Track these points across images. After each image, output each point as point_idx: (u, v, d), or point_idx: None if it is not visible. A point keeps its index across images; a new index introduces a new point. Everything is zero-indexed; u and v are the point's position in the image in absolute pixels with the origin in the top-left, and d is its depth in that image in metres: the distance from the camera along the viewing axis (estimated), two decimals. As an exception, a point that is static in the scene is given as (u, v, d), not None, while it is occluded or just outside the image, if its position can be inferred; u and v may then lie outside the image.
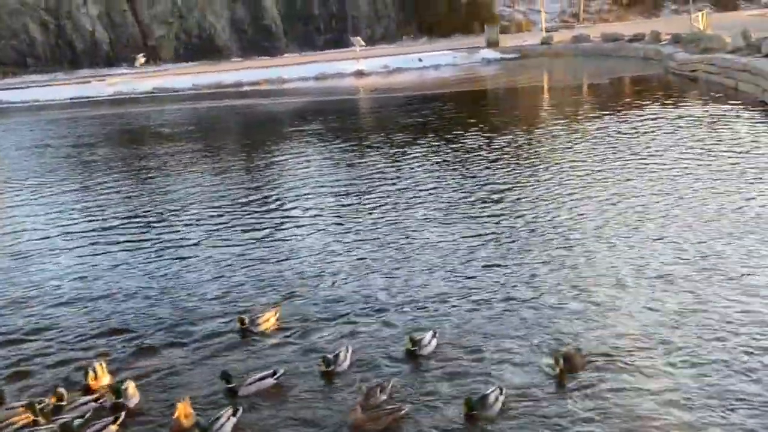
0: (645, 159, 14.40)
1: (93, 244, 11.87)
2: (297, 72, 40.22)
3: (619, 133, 17.25)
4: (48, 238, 12.43)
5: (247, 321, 7.92)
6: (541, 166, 14.58)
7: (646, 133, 16.93)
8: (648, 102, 21.33)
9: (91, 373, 7.03)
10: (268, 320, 7.97)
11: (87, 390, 6.95)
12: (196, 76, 40.98)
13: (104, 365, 7.23)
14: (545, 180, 13.47)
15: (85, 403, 6.70)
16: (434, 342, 7.17)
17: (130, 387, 6.73)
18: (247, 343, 7.73)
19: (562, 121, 19.59)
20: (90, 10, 50.54)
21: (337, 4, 53.55)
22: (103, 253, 11.31)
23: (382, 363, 7.07)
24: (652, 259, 9.14)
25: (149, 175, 17.39)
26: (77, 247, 11.79)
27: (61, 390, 6.84)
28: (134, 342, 8.07)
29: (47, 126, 29.07)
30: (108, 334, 8.34)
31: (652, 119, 18.50)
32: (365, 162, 16.57)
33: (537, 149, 16.33)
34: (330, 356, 6.91)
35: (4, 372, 7.63)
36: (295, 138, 20.93)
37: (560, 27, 50.58)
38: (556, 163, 14.70)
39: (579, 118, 20.08)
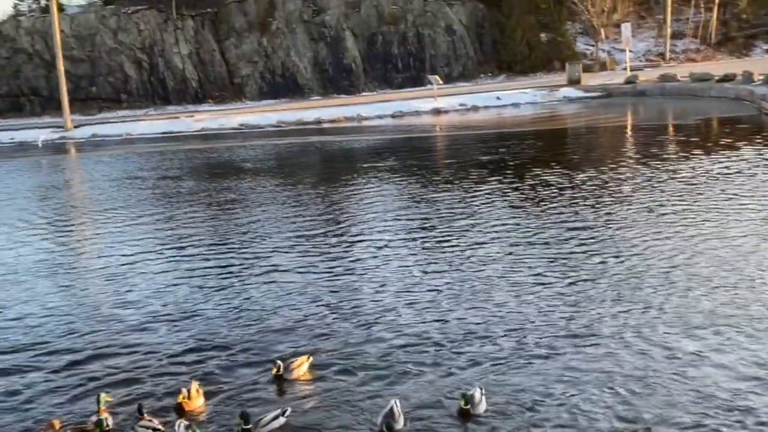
0: (738, 201, 13.70)
1: (177, 269, 12.24)
2: (374, 110, 40.76)
3: (708, 174, 16.54)
4: (136, 262, 12.89)
5: (282, 368, 7.60)
6: (623, 206, 14.10)
7: (739, 174, 16.15)
8: (741, 143, 20.41)
9: (184, 392, 7.08)
10: (301, 366, 7.67)
11: (179, 410, 7.00)
12: (279, 113, 42.19)
13: (198, 386, 7.28)
14: (627, 220, 13.00)
15: (146, 428, 6.66)
16: (484, 399, 6.72)
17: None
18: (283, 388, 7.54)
19: (647, 161, 18.96)
20: (182, 49, 53.16)
21: (416, 44, 54.25)
22: (187, 278, 11.65)
23: (431, 422, 6.63)
24: (744, 306, 8.59)
25: (231, 206, 17.86)
26: (163, 271, 12.20)
27: (142, 405, 6.95)
28: (218, 361, 8.25)
29: (137, 159, 30.45)
30: (193, 351, 8.58)
31: (745, 161, 17.66)
32: (441, 197, 16.49)
33: (619, 188, 15.82)
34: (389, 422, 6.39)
35: (98, 384, 7.85)
36: (372, 173, 21.10)
37: (646, 66, 49.43)
38: (640, 203, 14.18)
39: (664, 158, 19.39)
